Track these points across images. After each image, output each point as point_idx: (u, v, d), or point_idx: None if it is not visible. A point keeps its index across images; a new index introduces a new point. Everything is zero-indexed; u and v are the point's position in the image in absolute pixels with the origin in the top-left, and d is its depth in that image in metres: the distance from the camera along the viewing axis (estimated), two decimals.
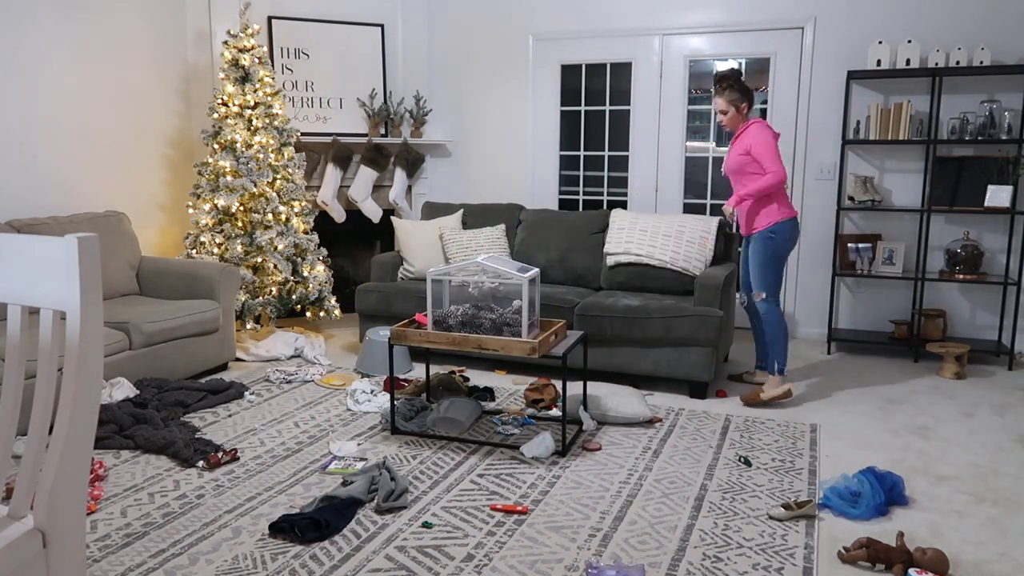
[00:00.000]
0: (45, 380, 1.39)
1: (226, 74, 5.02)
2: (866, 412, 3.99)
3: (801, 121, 5.34)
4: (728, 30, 5.43)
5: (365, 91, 5.95)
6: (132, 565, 2.47)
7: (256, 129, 5.02)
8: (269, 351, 4.86)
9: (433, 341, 3.48)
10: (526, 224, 5.21)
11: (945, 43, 4.93)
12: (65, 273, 1.33)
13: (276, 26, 5.67)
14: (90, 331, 1.35)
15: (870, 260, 5.12)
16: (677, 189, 5.74)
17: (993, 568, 2.50)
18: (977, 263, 4.89)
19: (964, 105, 4.93)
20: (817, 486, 3.08)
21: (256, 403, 4.05)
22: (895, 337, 5.05)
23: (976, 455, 3.43)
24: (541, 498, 2.97)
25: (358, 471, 3.15)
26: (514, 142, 6.11)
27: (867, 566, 2.49)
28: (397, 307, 4.81)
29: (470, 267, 3.49)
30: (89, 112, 4.84)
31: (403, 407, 3.75)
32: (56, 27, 4.58)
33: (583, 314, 4.35)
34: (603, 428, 3.71)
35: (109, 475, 3.15)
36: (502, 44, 6.02)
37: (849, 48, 5.15)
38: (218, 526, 2.73)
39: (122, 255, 4.63)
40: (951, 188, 4.94)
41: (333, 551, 2.57)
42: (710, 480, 3.14)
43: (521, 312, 3.38)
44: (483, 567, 2.48)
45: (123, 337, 3.99)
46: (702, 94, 5.63)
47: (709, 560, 2.53)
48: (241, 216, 5.01)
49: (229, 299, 4.60)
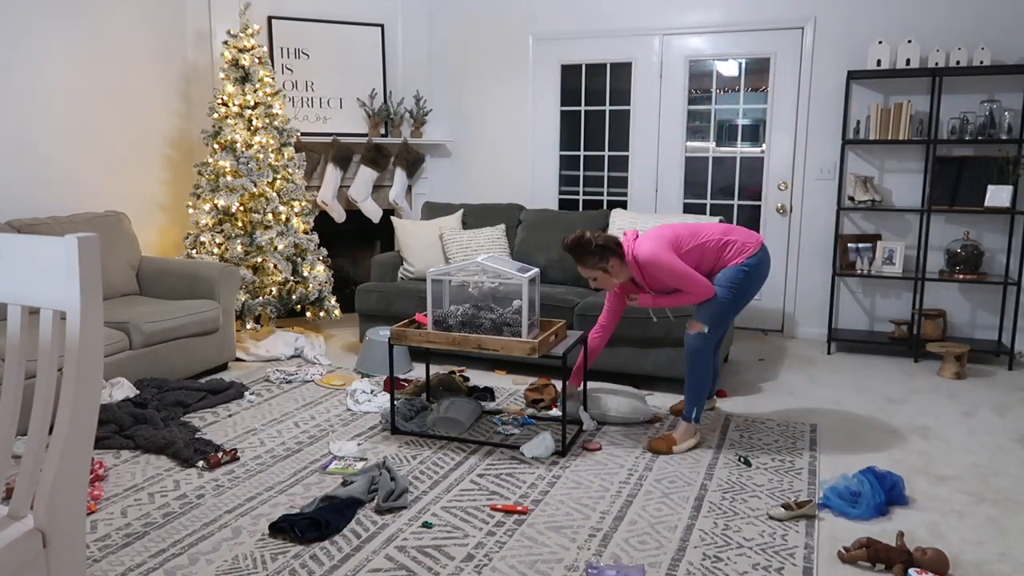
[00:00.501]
0: (45, 380, 1.39)
1: (226, 74, 5.01)
2: (866, 412, 3.99)
3: (801, 121, 5.34)
4: (728, 30, 5.42)
5: (365, 91, 5.95)
6: (132, 565, 2.47)
7: (256, 129, 5.02)
8: (269, 351, 4.86)
9: (433, 341, 3.48)
10: (526, 224, 5.21)
11: (945, 43, 4.93)
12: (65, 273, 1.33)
13: (276, 26, 5.67)
14: (90, 331, 1.35)
15: (870, 260, 5.12)
16: (677, 189, 5.74)
17: (993, 568, 2.50)
18: (977, 263, 4.89)
19: (964, 105, 4.93)
20: (817, 486, 3.08)
21: (256, 403, 4.05)
22: (895, 337, 5.05)
23: (976, 455, 3.43)
24: (541, 498, 2.97)
25: (358, 471, 3.15)
26: (514, 142, 6.10)
27: (867, 566, 2.48)
28: (397, 307, 4.81)
29: (470, 267, 3.49)
30: (89, 112, 4.84)
31: (403, 407, 3.75)
32: (56, 27, 4.58)
33: (583, 314, 4.35)
34: (603, 428, 3.71)
35: (109, 475, 3.15)
36: (502, 44, 6.02)
37: (849, 48, 5.15)
38: (218, 526, 2.73)
39: (122, 255, 4.63)
40: (951, 188, 4.94)
41: (333, 551, 2.56)
42: (710, 480, 3.14)
43: (521, 312, 3.38)
44: (483, 567, 2.47)
45: (123, 337, 3.99)
46: (702, 94, 5.63)
47: (709, 560, 2.53)
48: (241, 216, 5.01)
49: (229, 299, 4.60)
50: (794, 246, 5.48)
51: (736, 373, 4.67)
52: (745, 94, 5.52)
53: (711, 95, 5.60)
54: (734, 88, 5.55)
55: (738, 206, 5.64)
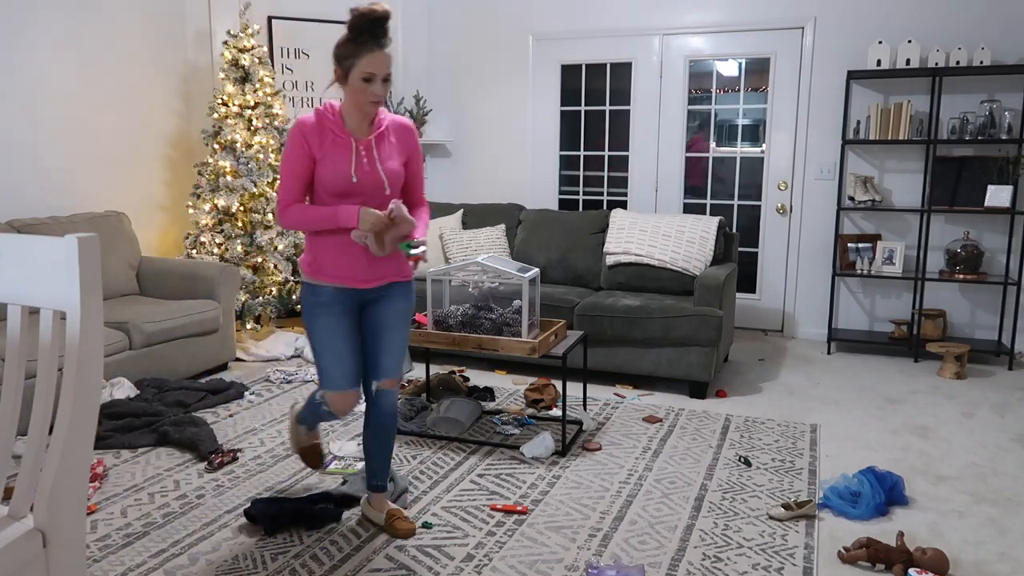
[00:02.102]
0: (45, 380, 1.39)
1: (226, 74, 5.01)
2: (866, 412, 3.99)
3: (801, 121, 5.34)
4: (728, 30, 5.42)
5: None
6: (132, 565, 2.47)
7: (256, 129, 5.02)
8: (269, 351, 4.86)
9: (433, 341, 3.48)
10: (526, 224, 5.21)
11: (945, 43, 4.93)
12: (65, 273, 1.33)
13: (276, 26, 5.67)
14: (90, 331, 1.35)
15: (870, 260, 5.12)
16: (677, 189, 5.74)
17: (993, 568, 2.50)
18: (977, 263, 4.89)
19: (964, 105, 4.93)
20: (817, 486, 3.08)
21: (256, 403, 4.05)
22: (895, 337, 5.05)
23: (976, 455, 3.43)
24: (541, 498, 2.97)
25: (358, 471, 3.15)
26: (514, 142, 6.10)
27: (867, 566, 2.48)
28: None
29: (470, 267, 3.49)
30: (89, 112, 4.83)
31: (403, 407, 3.75)
32: (56, 27, 4.58)
33: (583, 314, 4.35)
34: (603, 428, 3.71)
35: (109, 475, 3.15)
36: (502, 44, 6.01)
37: (849, 48, 5.15)
38: (218, 526, 2.73)
39: (122, 255, 4.62)
40: (951, 188, 4.94)
41: (333, 551, 2.57)
42: (710, 480, 3.14)
43: (521, 312, 3.38)
44: (483, 567, 2.47)
45: (123, 337, 3.99)
46: (702, 94, 5.63)
47: (709, 560, 2.53)
48: (241, 216, 5.01)
49: (229, 299, 4.60)
50: (794, 246, 5.48)
51: (736, 373, 4.67)
52: (745, 94, 5.52)
53: (711, 95, 5.60)
54: (734, 88, 5.55)
55: (738, 206, 5.65)
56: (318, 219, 2.41)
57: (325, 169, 2.40)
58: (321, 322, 2.49)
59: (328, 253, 2.47)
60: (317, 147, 2.41)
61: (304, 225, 2.44)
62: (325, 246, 2.47)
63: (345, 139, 2.42)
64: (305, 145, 2.40)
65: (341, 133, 2.42)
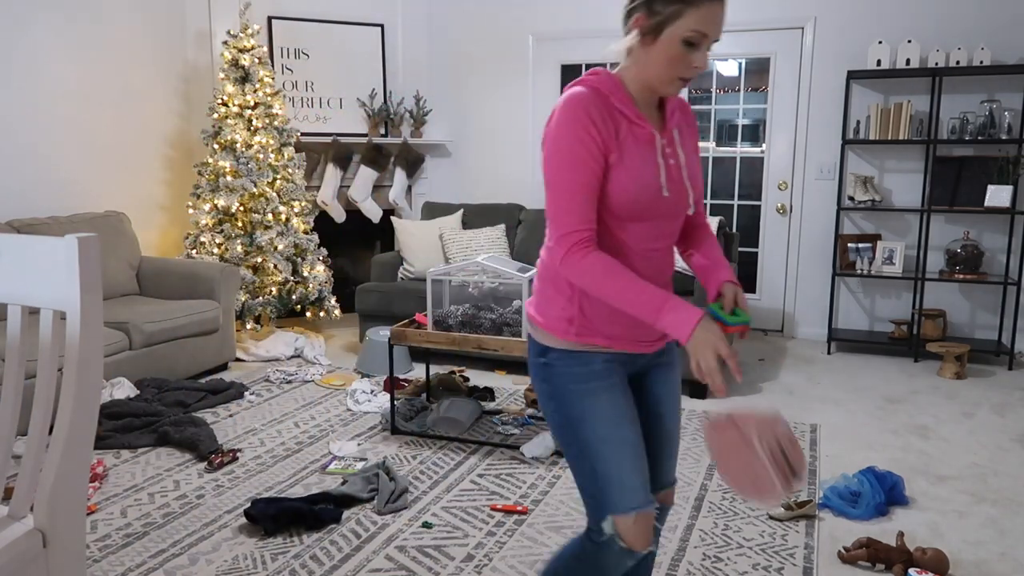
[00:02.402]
0: (45, 380, 1.39)
1: (226, 74, 5.01)
2: (866, 412, 3.99)
3: (801, 121, 5.34)
4: (728, 30, 5.41)
5: (365, 91, 5.94)
6: (132, 565, 2.47)
7: (256, 129, 5.02)
8: (269, 351, 4.86)
9: (433, 341, 3.48)
10: (526, 224, 5.21)
11: (945, 43, 4.93)
12: (65, 273, 1.33)
13: (276, 26, 5.67)
14: (90, 331, 1.35)
15: (870, 260, 5.12)
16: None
17: (993, 568, 2.50)
18: (977, 263, 4.89)
19: (964, 105, 4.93)
20: (817, 486, 3.08)
21: (256, 403, 4.05)
22: (895, 337, 5.05)
23: (976, 455, 3.43)
24: (541, 498, 2.97)
25: (358, 471, 3.15)
26: (514, 142, 6.10)
27: (867, 566, 2.48)
28: (397, 307, 4.81)
29: (470, 267, 3.49)
30: (89, 112, 4.84)
31: (403, 407, 3.75)
32: (56, 27, 4.58)
33: None
34: None
35: (109, 475, 3.15)
36: (502, 44, 6.01)
37: (849, 48, 5.15)
38: (218, 526, 2.73)
39: (122, 255, 4.63)
40: (951, 188, 4.94)
41: (333, 551, 2.57)
42: (710, 480, 3.14)
43: (521, 312, 3.38)
44: (483, 567, 2.47)
45: (123, 337, 3.99)
46: (702, 94, 5.63)
47: (709, 560, 2.53)
48: (241, 216, 5.01)
49: (229, 299, 4.60)
50: (794, 246, 5.48)
51: None
52: (745, 94, 5.52)
53: (711, 95, 5.60)
54: (734, 88, 5.55)
55: (738, 206, 5.64)
56: (632, 301, 1.49)
57: (623, 177, 1.52)
58: (601, 404, 1.59)
59: (602, 305, 1.59)
60: (612, 140, 1.52)
61: (603, 294, 1.51)
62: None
63: (645, 131, 1.56)
64: (597, 136, 1.50)
65: (639, 121, 1.55)
